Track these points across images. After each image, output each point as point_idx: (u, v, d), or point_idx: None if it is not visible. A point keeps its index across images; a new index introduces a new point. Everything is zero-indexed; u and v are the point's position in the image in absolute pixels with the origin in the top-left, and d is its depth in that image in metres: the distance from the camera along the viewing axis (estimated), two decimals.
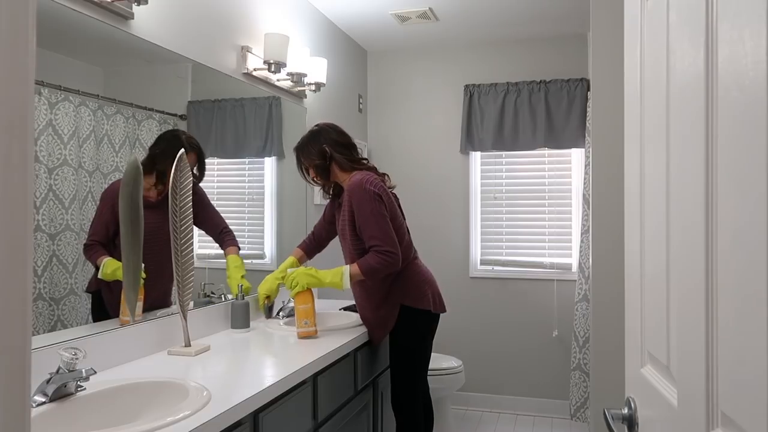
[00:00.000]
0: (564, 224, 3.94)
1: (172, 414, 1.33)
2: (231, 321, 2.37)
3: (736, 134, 0.65)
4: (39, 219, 1.58)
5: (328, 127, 2.41)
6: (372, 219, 2.21)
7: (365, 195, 2.22)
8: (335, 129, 2.41)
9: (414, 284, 2.35)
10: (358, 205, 2.22)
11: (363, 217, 2.22)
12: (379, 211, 2.22)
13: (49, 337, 1.60)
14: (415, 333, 2.36)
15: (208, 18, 2.35)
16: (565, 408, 3.89)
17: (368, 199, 2.22)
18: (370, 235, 2.21)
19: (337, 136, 2.38)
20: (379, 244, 2.19)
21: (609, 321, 2.57)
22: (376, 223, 2.20)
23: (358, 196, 2.23)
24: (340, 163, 2.35)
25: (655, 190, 0.96)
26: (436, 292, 2.42)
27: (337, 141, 2.37)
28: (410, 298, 2.33)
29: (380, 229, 2.20)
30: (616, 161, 2.55)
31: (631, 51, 1.11)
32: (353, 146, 2.43)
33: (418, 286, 2.36)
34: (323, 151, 2.34)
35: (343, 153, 2.36)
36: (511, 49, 4.02)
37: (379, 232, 2.20)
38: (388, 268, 2.21)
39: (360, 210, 2.22)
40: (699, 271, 0.75)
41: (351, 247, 2.31)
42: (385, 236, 2.20)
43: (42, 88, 1.58)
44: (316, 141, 2.36)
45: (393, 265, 2.22)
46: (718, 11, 0.70)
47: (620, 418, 1.07)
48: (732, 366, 0.66)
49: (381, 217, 2.22)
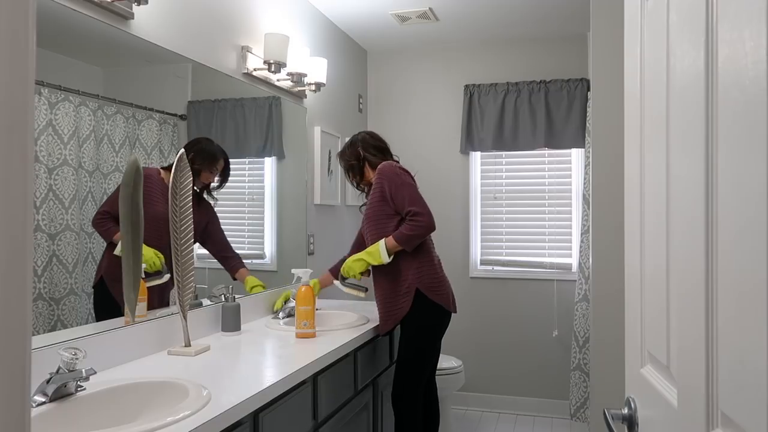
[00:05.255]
0: (564, 224, 3.94)
1: (172, 414, 1.33)
2: (222, 324, 2.31)
3: (736, 134, 0.65)
4: (39, 219, 1.58)
5: (365, 132, 2.70)
6: (403, 188, 2.40)
7: (395, 170, 2.45)
8: (370, 134, 2.69)
9: (433, 277, 2.43)
10: (390, 180, 2.42)
11: (395, 187, 2.40)
12: (409, 182, 2.44)
13: (49, 337, 1.60)
14: (425, 324, 2.41)
15: (208, 18, 2.35)
16: (565, 408, 3.89)
17: (398, 174, 2.44)
18: (402, 202, 2.39)
19: (371, 140, 2.64)
20: (413, 208, 2.36)
21: (609, 321, 2.57)
22: (408, 192, 2.40)
23: (389, 172, 2.44)
24: (372, 162, 2.58)
25: (655, 190, 0.96)
26: (450, 292, 2.52)
27: (370, 144, 2.62)
28: (426, 288, 2.40)
29: (411, 196, 2.39)
30: (616, 161, 2.55)
31: (631, 51, 1.11)
32: (386, 150, 2.65)
33: (438, 281, 2.44)
34: (357, 152, 2.60)
35: (376, 155, 2.59)
36: (511, 49, 4.02)
37: (411, 197, 2.39)
38: (420, 230, 2.35)
39: (392, 183, 2.41)
40: (699, 270, 0.75)
41: (375, 230, 2.47)
42: (417, 201, 2.38)
43: (42, 88, 1.58)
44: (353, 145, 2.64)
45: (425, 227, 2.35)
46: (718, 11, 0.70)
47: (620, 418, 1.07)
48: (732, 366, 0.66)
49: (411, 187, 2.43)
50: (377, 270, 2.49)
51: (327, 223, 3.54)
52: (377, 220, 2.46)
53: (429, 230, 2.36)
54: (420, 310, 2.40)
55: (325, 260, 3.47)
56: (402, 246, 2.37)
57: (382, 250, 2.38)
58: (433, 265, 2.45)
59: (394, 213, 2.43)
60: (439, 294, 2.42)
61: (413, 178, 2.51)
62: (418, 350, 2.41)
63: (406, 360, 2.41)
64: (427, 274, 2.42)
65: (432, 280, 2.42)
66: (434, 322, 2.43)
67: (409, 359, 2.41)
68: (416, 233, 2.35)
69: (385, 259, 2.38)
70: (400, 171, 2.45)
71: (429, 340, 2.43)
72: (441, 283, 2.45)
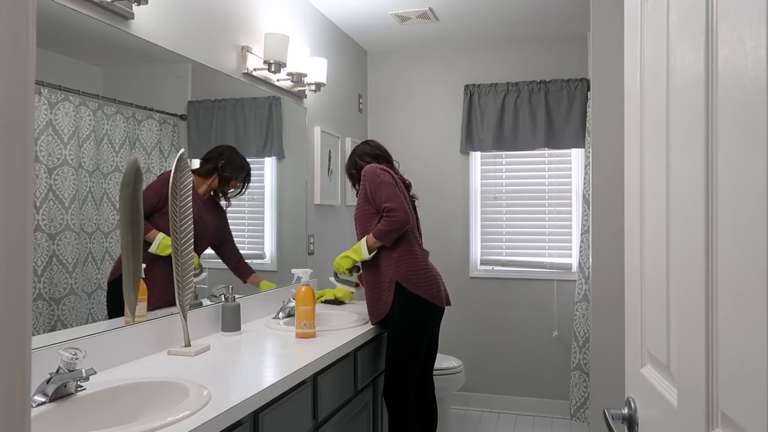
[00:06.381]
0: (564, 224, 3.93)
1: (172, 414, 1.33)
2: (222, 324, 2.31)
3: (736, 134, 0.65)
4: (39, 219, 1.58)
5: (364, 142, 2.78)
6: (382, 187, 2.49)
7: (375, 171, 2.53)
8: (369, 143, 2.76)
9: (412, 269, 2.48)
10: (371, 180, 2.51)
11: (375, 186, 2.49)
12: (387, 181, 2.51)
13: (49, 337, 1.60)
14: (408, 318, 2.44)
15: (208, 18, 2.35)
16: (565, 408, 3.89)
17: (377, 174, 2.52)
18: (380, 200, 2.47)
19: (369, 149, 2.71)
20: (388, 204, 2.45)
21: (609, 321, 2.57)
22: (385, 191, 2.48)
23: (370, 173, 2.53)
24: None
25: (655, 190, 0.96)
26: (435, 285, 2.52)
27: (366, 152, 2.70)
28: (406, 281, 2.45)
29: (388, 193, 2.47)
30: (616, 161, 2.55)
31: (631, 51, 1.11)
32: (381, 157, 2.70)
33: (418, 273, 2.48)
34: (354, 162, 2.70)
35: (370, 162, 2.65)
36: (511, 49, 4.02)
37: (387, 195, 2.47)
38: (395, 224, 2.43)
39: (372, 183, 2.50)
40: (699, 270, 0.75)
41: (361, 228, 2.57)
42: (392, 197, 2.46)
43: (42, 88, 1.58)
44: (352, 155, 2.74)
45: (399, 222, 2.43)
46: (718, 11, 0.70)
47: (620, 418, 1.07)
48: (732, 366, 0.66)
49: (389, 185, 2.50)
50: (364, 266, 2.58)
51: (327, 223, 3.54)
52: (363, 219, 2.56)
53: (404, 225, 2.44)
54: (404, 304, 2.44)
55: (326, 260, 3.47)
56: (381, 241, 2.47)
57: (362, 246, 2.50)
58: (413, 258, 2.49)
59: (376, 212, 2.52)
60: (421, 286, 2.45)
61: (396, 177, 2.57)
62: (405, 349, 2.43)
63: (395, 358, 2.44)
64: (405, 266, 2.46)
65: (411, 273, 2.46)
66: (420, 318, 2.46)
67: (397, 357, 2.43)
68: (392, 228, 2.43)
69: (365, 255, 2.49)
70: (380, 171, 2.53)
71: (415, 337, 2.45)
72: (421, 275, 2.48)
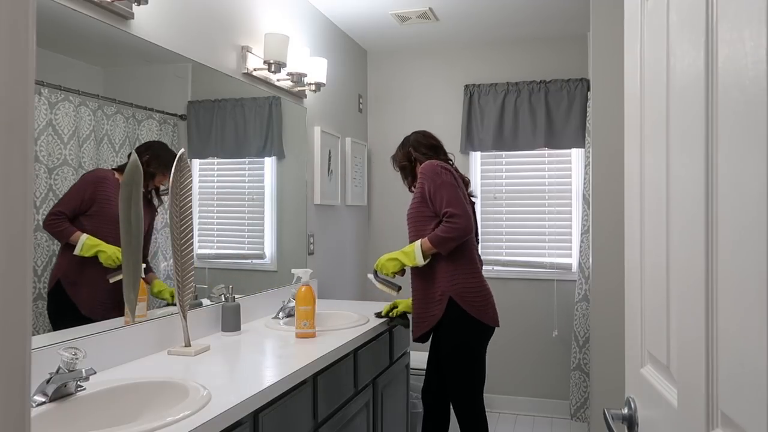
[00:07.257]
0: (564, 224, 3.94)
1: (172, 414, 1.33)
2: (222, 324, 2.31)
3: (736, 134, 0.65)
4: (39, 219, 1.58)
5: (417, 132, 2.58)
6: (442, 188, 2.30)
7: (435, 169, 2.34)
8: (422, 133, 2.57)
9: (468, 286, 2.31)
10: (430, 180, 2.32)
11: (435, 187, 2.31)
12: (449, 182, 2.31)
13: (49, 337, 1.60)
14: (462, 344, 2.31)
15: (208, 18, 2.35)
16: (565, 408, 3.89)
17: (438, 173, 2.33)
18: (440, 203, 2.29)
19: (423, 139, 2.53)
20: (449, 209, 2.26)
21: (609, 321, 2.57)
22: (447, 193, 2.29)
23: (430, 171, 2.34)
24: (421, 161, 2.47)
25: (655, 190, 0.96)
26: (490, 304, 2.36)
27: (421, 143, 2.52)
28: (460, 297, 2.29)
29: (450, 196, 2.28)
30: (616, 161, 2.55)
31: (631, 51, 1.11)
32: (438, 148, 2.53)
33: (475, 291, 2.32)
34: (408, 153, 2.52)
35: (427, 154, 2.48)
36: (511, 49, 4.02)
37: (449, 198, 2.28)
38: (455, 232, 2.25)
39: (431, 183, 2.32)
40: (699, 270, 0.75)
41: (414, 230, 2.40)
42: (455, 202, 2.27)
43: (42, 88, 1.58)
44: (403, 146, 2.56)
45: (460, 230, 2.25)
46: (718, 11, 0.70)
47: (620, 418, 1.07)
48: (732, 366, 0.66)
49: (451, 187, 2.30)
50: (414, 272, 2.41)
51: (327, 223, 3.54)
52: (417, 221, 2.38)
53: (465, 234, 2.26)
54: (454, 322, 2.29)
55: (326, 260, 3.47)
56: (436, 248, 2.28)
57: (417, 251, 2.30)
58: (471, 273, 2.32)
59: (433, 214, 2.34)
60: (476, 305, 2.29)
61: (457, 176, 2.39)
62: (462, 369, 2.33)
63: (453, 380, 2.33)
64: (462, 282, 2.30)
65: (467, 289, 2.29)
66: (470, 338, 2.31)
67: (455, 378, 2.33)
68: (451, 236, 2.24)
69: (420, 261, 2.31)
70: (441, 170, 2.33)
71: (469, 357, 2.32)
72: (478, 293, 2.31)
